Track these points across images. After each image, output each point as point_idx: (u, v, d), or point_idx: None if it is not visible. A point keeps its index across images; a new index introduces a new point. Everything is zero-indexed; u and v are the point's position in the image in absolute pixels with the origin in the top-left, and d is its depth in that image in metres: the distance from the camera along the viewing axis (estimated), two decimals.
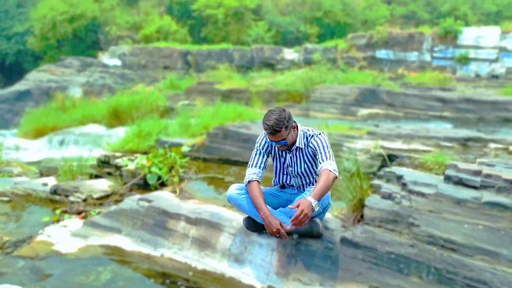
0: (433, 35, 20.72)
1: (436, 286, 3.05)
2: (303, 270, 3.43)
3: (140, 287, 3.60)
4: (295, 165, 3.53)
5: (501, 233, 3.00)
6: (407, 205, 3.35)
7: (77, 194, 5.69)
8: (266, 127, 3.22)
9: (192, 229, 4.05)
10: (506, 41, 19.49)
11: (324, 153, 3.32)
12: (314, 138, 3.42)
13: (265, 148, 3.55)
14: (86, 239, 4.34)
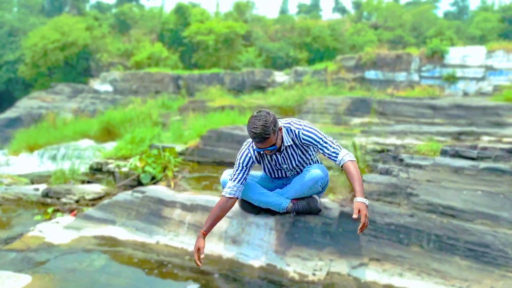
0: (420, 56, 21.19)
1: (438, 254, 3.02)
2: (302, 246, 3.39)
3: (134, 272, 3.51)
4: (288, 161, 3.41)
5: (500, 196, 3.01)
6: (405, 176, 3.36)
7: (69, 196, 5.61)
8: (253, 136, 2.98)
9: (188, 216, 3.99)
10: (492, 60, 19.97)
11: (330, 145, 3.14)
12: (303, 131, 3.24)
13: (248, 165, 3.34)
14: (79, 230, 4.26)
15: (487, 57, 20.19)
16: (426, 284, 2.94)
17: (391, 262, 3.10)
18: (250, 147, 3.30)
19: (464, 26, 36.07)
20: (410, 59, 21.26)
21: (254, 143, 3.03)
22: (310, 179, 3.30)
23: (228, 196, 3.26)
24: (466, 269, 2.89)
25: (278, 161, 3.39)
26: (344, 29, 31.56)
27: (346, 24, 32.68)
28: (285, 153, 3.33)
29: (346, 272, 3.17)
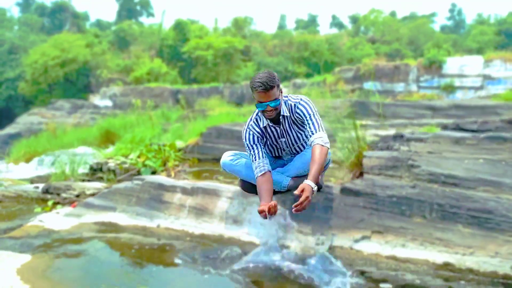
0: (418, 66, 21.35)
1: (440, 223, 3.01)
2: (303, 222, 3.37)
3: (135, 251, 3.48)
4: (286, 134, 3.44)
5: (502, 164, 3.01)
6: (406, 149, 3.36)
7: (69, 191, 5.58)
8: (258, 85, 3.04)
9: (188, 199, 3.98)
10: (489, 69, 20.12)
11: (313, 123, 3.21)
12: (298, 105, 3.31)
13: (257, 140, 3.38)
14: (79, 217, 4.23)
15: (485, 66, 20.34)
16: (429, 253, 2.92)
17: (394, 234, 3.08)
18: (248, 126, 3.34)
19: (461, 39, 36.47)
20: (408, 70, 21.42)
21: (257, 96, 3.04)
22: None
23: (261, 174, 3.26)
24: (469, 236, 2.88)
25: (278, 133, 3.41)
26: (342, 43, 31.88)
27: (344, 38, 33.03)
28: (283, 126, 3.35)
29: (348, 246, 3.15)
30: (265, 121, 3.46)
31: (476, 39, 36.74)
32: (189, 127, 8.63)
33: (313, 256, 3.12)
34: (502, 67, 20.44)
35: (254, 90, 3.32)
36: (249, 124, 3.52)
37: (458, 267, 2.75)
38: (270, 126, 3.47)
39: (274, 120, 3.42)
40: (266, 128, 3.49)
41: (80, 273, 3.05)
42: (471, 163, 3.09)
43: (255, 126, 3.43)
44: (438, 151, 3.26)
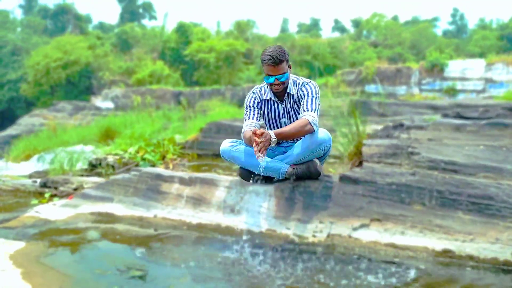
0: (420, 69, 21.35)
1: (440, 210, 2.97)
2: (302, 210, 3.33)
3: (131, 240, 3.44)
4: (288, 114, 3.47)
5: (503, 149, 2.97)
6: (406, 137, 3.32)
7: (67, 185, 5.56)
8: (268, 58, 3.09)
9: (186, 189, 3.94)
10: (491, 72, 20.11)
11: (310, 103, 3.25)
12: (305, 85, 3.37)
13: (255, 104, 3.46)
14: (76, 208, 4.20)
15: (487, 69, 20.33)
16: (429, 240, 2.87)
17: (393, 222, 3.04)
18: (253, 91, 3.43)
19: (463, 44, 36.50)
20: (410, 73, 21.43)
21: (266, 69, 3.13)
22: (313, 142, 3.27)
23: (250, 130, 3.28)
24: (469, 223, 2.83)
25: (279, 112, 3.41)
26: (344, 47, 31.93)
27: (346, 42, 33.09)
28: (287, 103, 3.37)
29: (347, 234, 3.10)
30: (269, 94, 3.49)
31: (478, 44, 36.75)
32: (189, 124, 8.62)
33: (311, 244, 3.08)
34: (504, 70, 20.41)
35: (264, 63, 3.37)
36: (254, 90, 3.58)
37: (458, 254, 2.71)
38: (273, 100, 3.50)
39: (279, 95, 3.45)
40: (269, 101, 3.52)
41: (73, 259, 3.01)
42: (472, 150, 3.05)
43: (259, 94, 3.48)
44: (439, 138, 3.22)
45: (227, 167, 5.34)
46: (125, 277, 2.67)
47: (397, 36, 33.40)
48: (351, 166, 3.56)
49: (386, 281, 2.48)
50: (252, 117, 3.48)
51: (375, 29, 35.03)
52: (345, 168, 3.94)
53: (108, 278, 2.66)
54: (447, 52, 33.28)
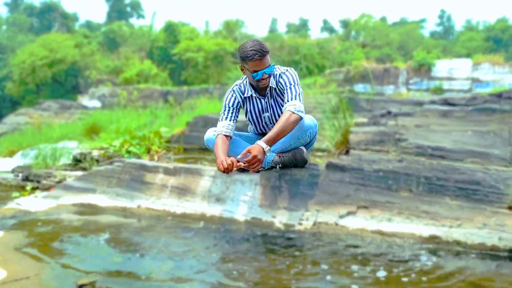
0: (407, 69, 21.48)
1: (427, 196, 2.94)
2: (288, 198, 3.27)
3: (113, 231, 3.35)
4: (271, 109, 3.36)
5: (491, 135, 2.95)
6: (393, 124, 3.29)
7: (50, 178, 5.44)
8: (254, 53, 2.88)
9: (171, 179, 3.87)
10: (478, 72, 20.31)
11: (291, 92, 3.10)
12: (283, 75, 3.24)
13: (235, 104, 3.31)
14: (57, 199, 4.10)
15: (473, 69, 20.53)
16: (416, 226, 2.84)
17: (380, 209, 3.00)
18: (233, 89, 3.29)
19: (450, 45, 36.89)
20: (397, 72, 21.54)
21: (253, 65, 2.92)
22: (298, 129, 3.20)
23: (223, 134, 3.17)
24: (457, 208, 2.80)
25: (262, 106, 3.31)
26: (333, 47, 32.04)
27: (335, 42, 33.21)
28: (269, 98, 3.27)
29: (333, 222, 3.06)
30: (250, 91, 3.37)
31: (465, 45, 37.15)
32: (176, 119, 8.53)
33: (297, 232, 3.03)
34: (490, 70, 20.61)
35: (248, 60, 3.18)
36: (234, 88, 3.44)
37: (445, 239, 2.68)
38: (255, 97, 3.39)
39: (260, 90, 3.34)
40: (251, 98, 3.41)
41: (53, 248, 2.91)
42: (459, 135, 3.02)
43: (239, 92, 3.36)
44: (426, 124, 3.19)
45: (213, 160, 5.26)
46: (104, 265, 2.58)
47: (385, 37, 33.64)
48: (338, 155, 3.52)
49: (372, 269, 2.43)
50: (229, 118, 3.29)
51: (363, 29, 35.23)
52: (332, 158, 3.90)
53: (86, 265, 2.57)
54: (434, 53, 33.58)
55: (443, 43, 37.72)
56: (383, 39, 33.47)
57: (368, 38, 34.27)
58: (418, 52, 22.76)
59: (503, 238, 2.60)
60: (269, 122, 3.42)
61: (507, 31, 36.21)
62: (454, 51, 36.59)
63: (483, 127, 3.02)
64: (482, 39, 35.34)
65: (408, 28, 36.30)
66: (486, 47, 35.81)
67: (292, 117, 3.01)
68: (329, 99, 10.29)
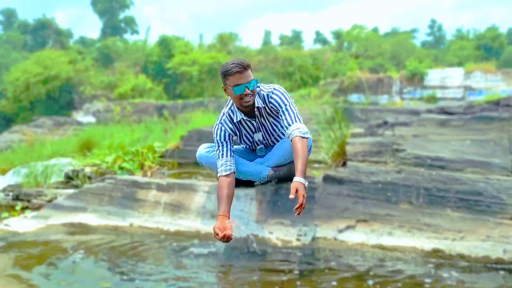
0: (401, 78, 21.52)
1: (428, 208, 2.84)
2: (284, 213, 3.16)
3: (104, 251, 3.22)
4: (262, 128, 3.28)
5: (490, 144, 2.86)
6: (390, 134, 3.20)
7: (40, 197, 5.29)
8: (234, 66, 2.87)
9: (164, 196, 3.75)
10: (470, 81, 20.36)
11: (289, 114, 3.03)
12: (272, 95, 3.16)
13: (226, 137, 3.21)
14: (47, 219, 3.96)
15: (465, 78, 20.59)
16: (418, 240, 2.73)
17: (380, 222, 2.90)
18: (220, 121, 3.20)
19: (441, 54, 37.12)
20: (391, 82, 21.57)
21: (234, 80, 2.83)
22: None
23: (225, 174, 3.04)
24: (459, 220, 2.70)
25: (254, 128, 3.23)
26: (326, 58, 32.13)
27: (328, 53, 33.32)
28: (259, 119, 3.18)
29: (332, 236, 2.95)
30: (239, 115, 3.25)
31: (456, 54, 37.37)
32: (170, 133, 8.41)
33: (295, 248, 2.91)
34: (482, 78, 20.68)
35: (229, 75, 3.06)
36: (222, 119, 3.29)
37: (448, 253, 2.57)
38: (245, 120, 3.28)
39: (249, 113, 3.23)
40: (241, 122, 3.29)
41: (40, 271, 2.78)
42: (458, 144, 2.94)
43: (228, 122, 3.22)
44: (424, 134, 3.11)
45: (208, 174, 5.15)
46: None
47: (377, 47, 33.76)
48: (335, 166, 3.42)
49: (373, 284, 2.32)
50: (226, 153, 3.18)
51: (355, 40, 35.36)
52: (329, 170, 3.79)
53: None
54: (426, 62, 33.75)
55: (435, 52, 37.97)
56: (376, 50, 33.60)
57: (360, 48, 34.41)
58: (410, 61, 22.87)
59: (508, 251, 2.50)
60: (262, 139, 3.34)
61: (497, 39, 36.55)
62: (446, 60, 36.84)
63: (482, 135, 2.94)
64: (473, 48, 35.58)
65: (399, 38, 36.50)
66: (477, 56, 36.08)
67: (304, 142, 2.88)
68: (324, 110, 10.23)
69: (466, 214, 2.67)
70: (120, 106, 23.41)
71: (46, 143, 11.12)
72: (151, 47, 31.43)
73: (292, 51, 32.43)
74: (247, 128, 3.44)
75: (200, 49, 31.05)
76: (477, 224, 2.61)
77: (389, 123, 3.45)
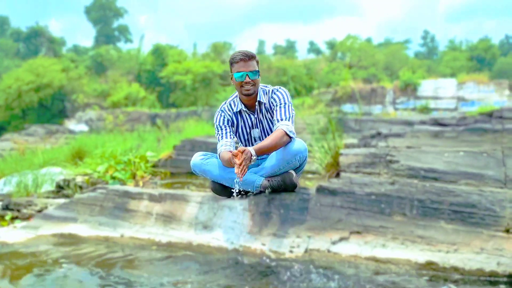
0: (394, 88, 21.71)
1: (422, 220, 2.84)
2: (277, 224, 3.15)
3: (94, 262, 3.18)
4: (260, 124, 3.33)
5: (484, 155, 2.87)
6: (384, 145, 3.21)
7: (31, 207, 5.23)
8: (238, 55, 2.99)
9: (155, 206, 3.72)
10: (463, 91, 20.61)
11: (283, 112, 3.13)
12: (276, 91, 3.26)
13: (225, 122, 3.31)
14: (36, 229, 3.91)
15: (458, 88, 20.83)
16: (411, 252, 2.73)
17: (373, 234, 2.89)
18: (221, 108, 3.31)
19: (434, 64, 37.48)
20: (384, 92, 21.76)
21: (237, 67, 3.01)
22: (288, 152, 3.13)
23: (225, 151, 3.16)
24: (452, 232, 2.70)
25: (252, 122, 3.27)
26: (320, 68, 32.35)
27: (321, 63, 33.57)
28: (258, 114, 3.23)
29: (325, 248, 2.93)
30: (239, 105, 3.33)
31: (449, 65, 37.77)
32: (163, 142, 8.39)
33: (288, 260, 2.89)
34: (475, 89, 20.90)
35: (234, 62, 3.22)
36: (223, 107, 3.43)
37: (442, 265, 2.57)
38: (245, 111, 3.34)
39: (250, 106, 3.30)
40: (241, 113, 3.36)
41: (30, 282, 2.74)
42: (452, 156, 2.94)
43: (228, 110, 3.34)
44: (417, 145, 3.12)
45: (201, 184, 5.13)
46: None
47: (371, 57, 34.08)
48: (329, 177, 3.42)
49: None
50: (226, 135, 3.33)
51: (349, 50, 35.69)
52: (322, 181, 3.79)
53: None
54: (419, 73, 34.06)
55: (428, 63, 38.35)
56: (369, 60, 33.91)
57: (354, 59, 34.71)
58: (403, 72, 23.09)
59: (501, 263, 2.50)
60: (258, 139, 3.36)
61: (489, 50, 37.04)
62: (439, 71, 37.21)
63: (476, 147, 2.96)
64: (466, 59, 36.00)
65: (393, 48, 36.90)
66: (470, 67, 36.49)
67: (285, 138, 3.03)
68: (317, 119, 10.26)
69: (460, 226, 2.67)
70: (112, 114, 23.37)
71: (37, 152, 11.04)
72: (145, 56, 31.52)
73: (286, 60, 32.69)
74: (246, 122, 3.51)
75: (194, 58, 31.18)
76: (471, 237, 2.61)
77: (382, 134, 3.46)
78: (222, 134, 3.31)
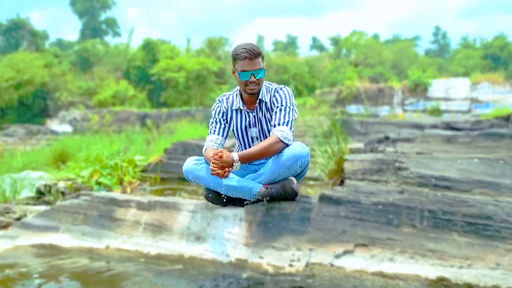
0: (403, 89, 21.76)
1: (432, 232, 2.82)
2: (276, 236, 3.13)
3: (77, 276, 3.15)
4: (259, 124, 3.34)
5: (500, 163, 2.87)
6: (392, 151, 3.20)
7: (8, 214, 5.20)
8: (244, 51, 2.99)
9: (144, 215, 3.70)
10: (477, 92, 20.64)
11: (283, 116, 3.16)
12: (279, 90, 3.28)
13: (221, 115, 3.37)
14: (14, 239, 3.89)
15: (472, 89, 20.86)
16: (421, 267, 2.71)
17: (380, 247, 2.88)
18: (219, 99, 3.34)
19: (446, 63, 37.59)
20: (392, 93, 21.80)
21: (242, 65, 3.00)
22: (289, 157, 3.12)
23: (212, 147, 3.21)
24: (466, 246, 2.69)
25: (249, 121, 3.28)
26: (323, 66, 32.40)
27: (325, 61, 33.62)
28: (257, 113, 3.24)
29: (328, 262, 2.91)
30: (239, 103, 3.34)
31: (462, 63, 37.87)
32: (153, 145, 8.37)
33: (288, 275, 2.88)
34: (489, 90, 20.94)
35: (238, 58, 3.22)
36: (221, 97, 3.45)
37: (455, 282, 2.55)
38: (243, 109, 3.35)
39: (250, 104, 3.31)
40: (238, 111, 3.37)
41: None
42: (465, 163, 2.94)
43: (225, 103, 3.35)
44: (428, 151, 3.11)
45: (193, 191, 5.12)
46: None
47: (378, 55, 34.17)
48: (332, 185, 3.41)
49: None
50: (218, 131, 3.38)
51: (355, 47, 35.78)
52: (325, 189, 3.78)
53: None
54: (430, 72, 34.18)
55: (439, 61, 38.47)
56: (376, 58, 33.99)
57: (360, 56, 34.79)
58: (413, 71, 23.14)
59: None
60: (256, 139, 3.37)
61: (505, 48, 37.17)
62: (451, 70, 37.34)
63: (491, 154, 2.95)
64: (480, 57, 36.13)
65: (401, 45, 36.99)
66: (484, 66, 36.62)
67: (277, 145, 3.05)
68: (320, 122, 10.26)
69: (474, 240, 2.66)
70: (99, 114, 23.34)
71: (16, 154, 11.01)
72: (134, 51, 31.51)
73: (287, 58, 32.75)
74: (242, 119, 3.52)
75: (187, 54, 31.20)
76: (486, 251, 2.60)
77: (390, 139, 3.46)
78: (215, 129, 3.38)
